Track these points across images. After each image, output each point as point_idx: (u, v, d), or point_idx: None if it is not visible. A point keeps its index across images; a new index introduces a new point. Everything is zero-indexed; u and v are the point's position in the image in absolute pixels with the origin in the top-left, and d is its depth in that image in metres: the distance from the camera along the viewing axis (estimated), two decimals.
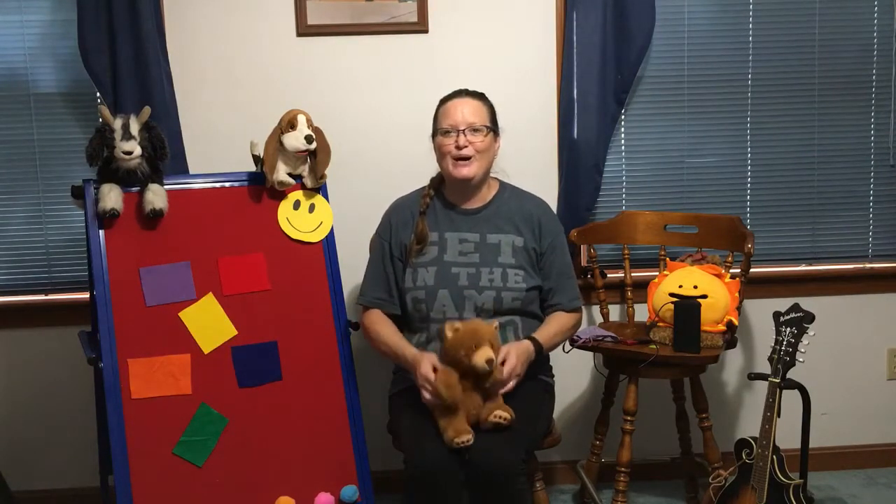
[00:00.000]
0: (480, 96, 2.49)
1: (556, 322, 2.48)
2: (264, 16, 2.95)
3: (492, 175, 2.55)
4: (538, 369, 2.49)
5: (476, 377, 2.21)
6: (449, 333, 2.24)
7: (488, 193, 2.53)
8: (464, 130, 2.40)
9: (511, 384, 2.27)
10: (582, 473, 2.94)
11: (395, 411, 2.50)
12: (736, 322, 2.65)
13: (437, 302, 2.42)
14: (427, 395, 2.24)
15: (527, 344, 2.35)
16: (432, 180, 2.56)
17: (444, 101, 2.50)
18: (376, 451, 2.63)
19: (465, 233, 2.47)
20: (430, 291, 2.42)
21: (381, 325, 2.48)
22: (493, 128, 2.48)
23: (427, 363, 2.26)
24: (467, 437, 2.15)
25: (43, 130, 2.97)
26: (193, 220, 2.48)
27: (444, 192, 2.54)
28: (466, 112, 2.42)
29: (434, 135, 2.49)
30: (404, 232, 2.50)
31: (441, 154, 2.46)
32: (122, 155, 2.36)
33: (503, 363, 2.25)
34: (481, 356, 2.18)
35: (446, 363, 2.24)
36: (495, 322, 2.33)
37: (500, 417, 2.19)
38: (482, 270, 2.43)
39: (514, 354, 2.28)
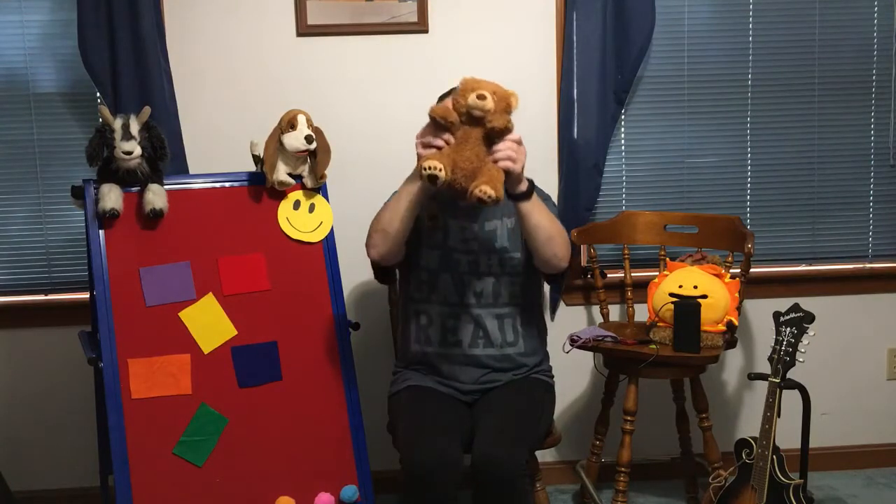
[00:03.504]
0: None
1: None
2: (264, 16, 2.95)
3: None
4: (538, 370, 2.49)
5: (472, 120, 2.07)
6: (462, 80, 2.13)
7: None
8: None
9: (514, 150, 2.14)
10: (582, 473, 2.94)
11: (394, 411, 2.50)
12: (736, 322, 2.65)
13: (438, 285, 2.43)
14: (422, 131, 2.16)
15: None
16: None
17: (442, 98, 2.49)
18: (376, 451, 2.63)
19: (464, 221, 2.48)
20: (433, 275, 2.44)
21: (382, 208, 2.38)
22: None
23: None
24: (438, 166, 2.02)
25: (43, 130, 2.97)
26: (193, 220, 2.48)
27: None
28: None
29: None
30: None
31: None
32: (122, 155, 2.35)
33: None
34: (473, 93, 2.05)
35: (454, 102, 2.13)
36: (517, 95, 2.16)
37: (484, 193, 2.01)
38: (481, 258, 2.43)
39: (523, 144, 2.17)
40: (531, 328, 2.49)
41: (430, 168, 2.03)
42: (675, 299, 2.62)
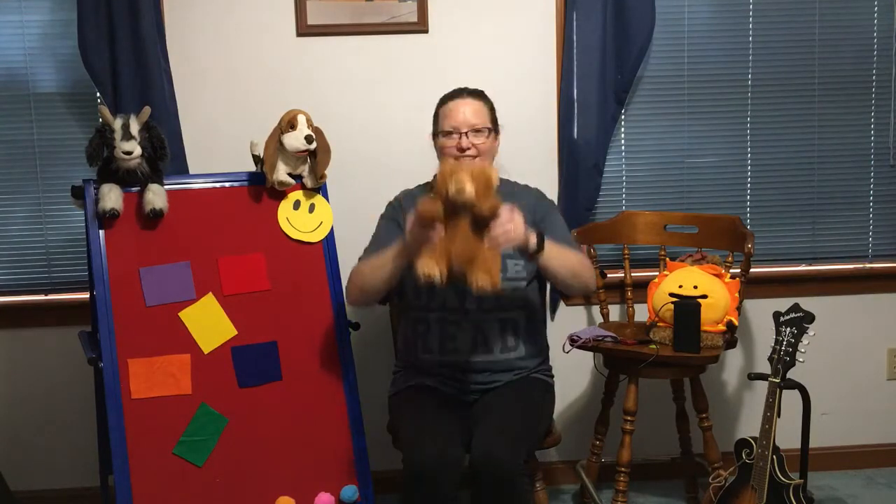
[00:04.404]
0: (481, 95, 2.49)
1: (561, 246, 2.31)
2: (264, 16, 2.95)
3: None
4: (538, 370, 2.49)
5: (457, 210, 2.02)
6: (440, 166, 2.11)
7: None
8: (466, 133, 2.40)
9: (507, 229, 2.09)
10: (582, 473, 2.94)
11: (395, 411, 2.50)
12: (736, 322, 2.65)
13: (437, 291, 2.41)
14: (411, 226, 2.12)
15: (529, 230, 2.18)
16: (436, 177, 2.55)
17: (444, 100, 2.49)
18: (376, 451, 2.63)
19: None
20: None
21: (364, 262, 2.38)
22: (494, 127, 2.48)
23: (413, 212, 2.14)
24: (433, 271, 2.02)
25: (43, 130, 2.97)
26: (193, 220, 2.48)
27: None
28: (468, 113, 2.42)
29: (435, 134, 2.49)
30: (411, 212, 2.48)
31: (443, 155, 2.45)
32: (122, 155, 2.36)
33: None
34: (454, 184, 1.99)
35: (436, 194, 2.08)
36: (496, 169, 2.15)
37: (482, 288, 2.00)
38: None
39: (518, 215, 2.13)
40: (533, 331, 2.48)
41: (426, 276, 2.02)
42: (675, 299, 2.62)
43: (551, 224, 2.44)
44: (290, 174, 2.57)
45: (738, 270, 2.75)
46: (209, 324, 2.42)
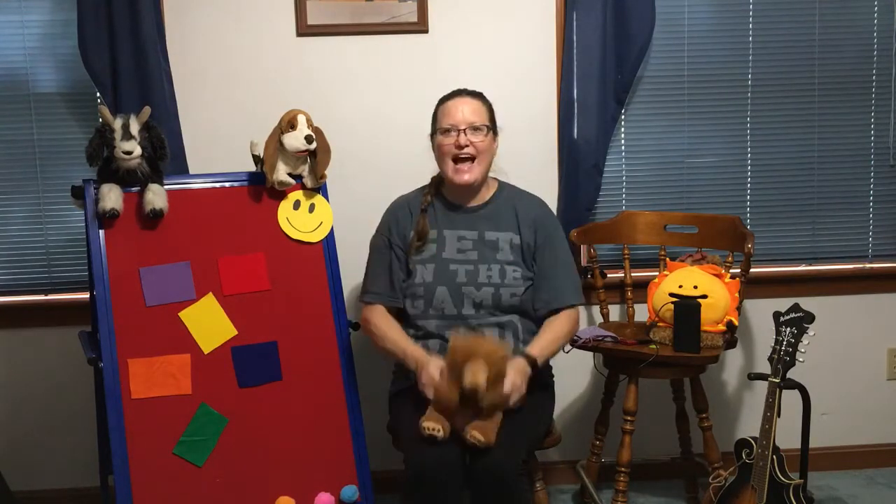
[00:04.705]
0: (479, 96, 2.50)
1: (550, 330, 2.43)
2: (264, 16, 2.95)
3: (490, 175, 2.56)
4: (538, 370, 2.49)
5: (471, 396, 2.15)
6: (451, 341, 2.21)
7: (487, 192, 2.53)
8: (464, 130, 2.40)
9: (513, 401, 2.23)
10: (582, 473, 2.94)
11: (395, 411, 2.50)
12: (736, 322, 2.65)
13: (435, 299, 2.42)
14: (429, 395, 2.23)
15: (522, 363, 2.29)
16: (433, 179, 2.56)
17: (443, 100, 2.50)
18: (376, 451, 2.63)
19: (463, 230, 2.48)
20: (429, 288, 2.43)
21: (384, 323, 2.47)
22: (493, 127, 2.48)
23: (434, 367, 2.25)
24: (437, 428, 2.13)
25: (43, 130, 2.97)
26: (193, 220, 2.48)
27: (444, 192, 2.54)
28: (467, 111, 2.43)
29: (433, 134, 2.49)
30: (406, 227, 2.50)
31: (441, 154, 2.46)
32: (122, 155, 2.36)
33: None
34: (470, 376, 2.12)
35: (449, 371, 2.19)
36: (508, 345, 2.30)
37: (475, 439, 2.12)
38: (480, 267, 2.43)
39: (518, 377, 2.24)
40: (531, 333, 2.47)
41: (429, 434, 2.14)
42: (675, 299, 2.62)
43: (552, 252, 2.49)
44: (290, 174, 2.56)
45: (738, 270, 2.75)
46: (209, 324, 2.42)
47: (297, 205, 2.59)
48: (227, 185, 2.55)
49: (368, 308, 2.51)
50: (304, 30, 2.95)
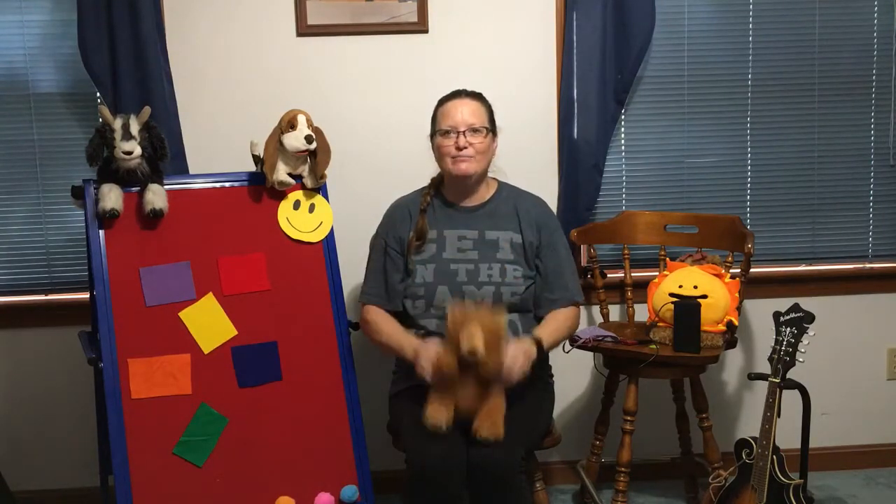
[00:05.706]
0: (479, 97, 2.50)
1: (555, 320, 2.46)
2: (264, 16, 2.95)
3: (490, 175, 2.56)
4: (538, 370, 2.49)
5: (468, 362, 2.15)
6: (449, 312, 2.23)
7: (487, 192, 2.54)
8: (464, 132, 2.41)
9: (515, 375, 2.24)
10: (582, 473, 2.94)
11: (395, 411, 2.50)
12: (736, 322, 2.65)
13: (436, 298, 2.42)
14: (427, 377, 2.24)
15: (527, 341, 2.33)
16: (433, 180, 2.57)
17: (442, 101, 2.50)
18: (376, 451, 2.63)
19: (463, 230, 2.48)
20: (429, 288, 2.43)
21: (382, 320, 2.48)
22: (492, 128, 2.48)
23: (431, 345, 2.28)
24: (440, 421, 2.14)
25: (43, 130, 2.97)
26: (193, 220, 2.48)
27: (444, 192, 2.54)
28: (466, 113, 2.43)
29: (433, 135, 2.49)
30: (404, 229, 2.51)
31: (441, 155, 2.46)
32: (122, 155, 2.36)
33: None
34: (466, 341, 2.13)
35: (447, 343, 2.21)
36: (505, 315, 2.28)
37: (485, 438, 2.14)
38: (481, 266, 2.43)
39: (520, 352, 2.26)
40: (532, 332, 2.48)
41: (433, 425, 2.16)
42: (675, 299, 2.62)
43: (555, 252, 2.50)
44: (290, 174, 2.56)
45: (738, 270, 2.75)
46: (209, 324, 2.42)
47: (297, 205, 2.59)
48: (227, 185, 2.55)
49: (365, 306, 2.53)
50: (304, 30, 2.95)
